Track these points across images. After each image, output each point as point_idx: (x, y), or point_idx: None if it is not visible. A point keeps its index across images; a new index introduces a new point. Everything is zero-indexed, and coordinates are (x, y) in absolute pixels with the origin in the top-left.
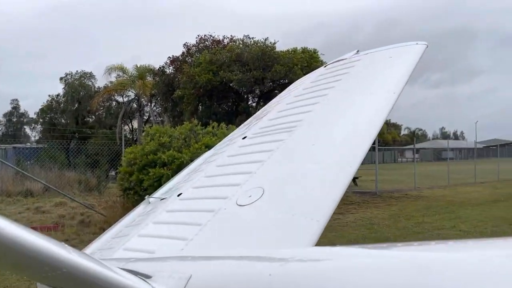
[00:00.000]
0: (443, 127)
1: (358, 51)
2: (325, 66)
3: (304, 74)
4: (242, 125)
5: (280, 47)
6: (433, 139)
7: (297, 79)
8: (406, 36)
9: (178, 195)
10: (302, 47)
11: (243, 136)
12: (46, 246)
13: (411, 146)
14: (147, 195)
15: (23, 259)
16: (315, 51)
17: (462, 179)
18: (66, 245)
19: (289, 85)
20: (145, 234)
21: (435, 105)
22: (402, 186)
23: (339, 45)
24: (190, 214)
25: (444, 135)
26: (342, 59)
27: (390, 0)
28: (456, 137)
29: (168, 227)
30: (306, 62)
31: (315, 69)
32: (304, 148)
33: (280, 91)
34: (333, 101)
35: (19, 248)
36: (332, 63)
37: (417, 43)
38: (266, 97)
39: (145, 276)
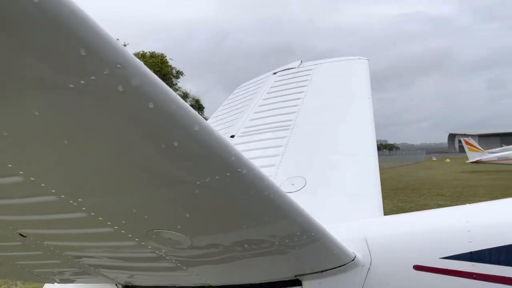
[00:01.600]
0: None
1: (301, 61)
2: (274, 73)
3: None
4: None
5: None
6: None
7: None
8: (237, 47)
9: None
10: (150, 52)
11: (230, 135)
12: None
13: None
14: None
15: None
16: (163, 56)
17: None
18: None
19: None
20: None
21: None
22: None
23: (174, 52)
24: None
25: None
26: (291, 68)
27: (223, 14)
28: None
29: None
30: (158, 66)
31: (167, 74)
32: (316, 142)
33: None
34: (315, 104)
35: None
36: (281, 71)
37: (359, 58)
38: None
39: None
